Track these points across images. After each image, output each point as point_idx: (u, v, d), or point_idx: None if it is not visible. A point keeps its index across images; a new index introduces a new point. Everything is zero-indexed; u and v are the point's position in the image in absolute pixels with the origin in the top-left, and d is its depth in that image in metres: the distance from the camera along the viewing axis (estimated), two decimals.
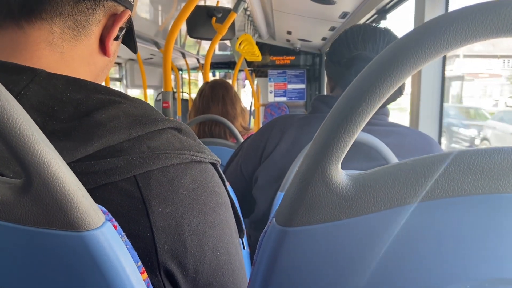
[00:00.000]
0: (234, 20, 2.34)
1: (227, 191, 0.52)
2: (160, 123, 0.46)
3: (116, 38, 0.54)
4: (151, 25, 3.33)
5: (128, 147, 0.43)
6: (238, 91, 6.62)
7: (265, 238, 0.35)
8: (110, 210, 0.37)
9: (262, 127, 1.11)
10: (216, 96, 1.88)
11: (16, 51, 0.47)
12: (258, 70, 5.45)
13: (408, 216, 0.31)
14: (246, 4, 2.79)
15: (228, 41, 3.92)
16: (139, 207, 0.43)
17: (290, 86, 5.38)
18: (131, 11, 0.55)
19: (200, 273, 0.46)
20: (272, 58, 5.30)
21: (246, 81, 5.99)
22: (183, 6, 1.60)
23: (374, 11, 2.31)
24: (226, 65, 5.75)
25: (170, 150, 0.45)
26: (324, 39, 4.06)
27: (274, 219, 0.34)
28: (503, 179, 0.31)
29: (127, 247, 0.36)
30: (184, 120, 4.89)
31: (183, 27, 2.86)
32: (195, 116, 1.86)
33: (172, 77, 5.53)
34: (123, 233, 0.37)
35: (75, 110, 0.44)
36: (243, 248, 0.57)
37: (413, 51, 0.28)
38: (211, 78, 2.75)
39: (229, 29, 2.36)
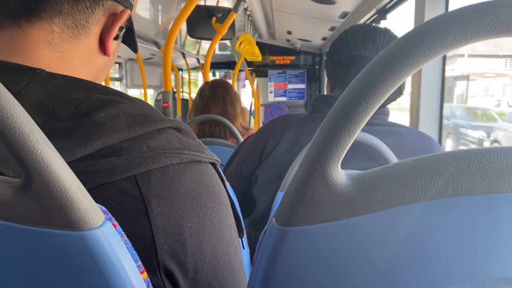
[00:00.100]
0: (234, 20, 2.34)
1: (226, 191, 0.52)
2: (160, 123, 0.46)
3: (116, 38, 0.54)
4: (151, 25, 3.33)
5: (128, 146, 0.43)
6: (238, 91, 6.62)
7: (265, 237, 0.35)
8: (110, 210, 0.37)
9: (262, 127, 1.11)
10: (216, 96, 1.88)
11: (15, 51, 0.48)
12: (258, 70, 5.44)
13: (408, 216, 0.31)
14: (246, 4, 2.78)
15: (228, 41, 3.91)
16: (138, 206, 0.43)
17: (290, 86, 5.37)
18: (131, 10, 0.55)
19: (199, 272, 0.46)
20: (272, 58, 5.29)
21: (246, 81, 5.99)
22: (183, 6, 1.60)
23: (374, 11, 2.31)
24: (226, 65, 5.75)
25: (169, 149, 0.45)
26: (324, 39, 4.06)
27: (274, 218, 0.34)
28: (503, 179, 0.31)
29: (127, 247, 0.36)
30: (184, 120, 4.88)
31: (183, 27, 2.86)
32: (195, 116, 1.86)
33: (172, 77, 5.53)
34: (123, 232, 0.37)
35: (75, 109, 0.44)
36: (243, 248, 0.57)
37: (413, 51, 0.28)
38: (211, 78, 2.75)
39: (229, 29, 2.36)
